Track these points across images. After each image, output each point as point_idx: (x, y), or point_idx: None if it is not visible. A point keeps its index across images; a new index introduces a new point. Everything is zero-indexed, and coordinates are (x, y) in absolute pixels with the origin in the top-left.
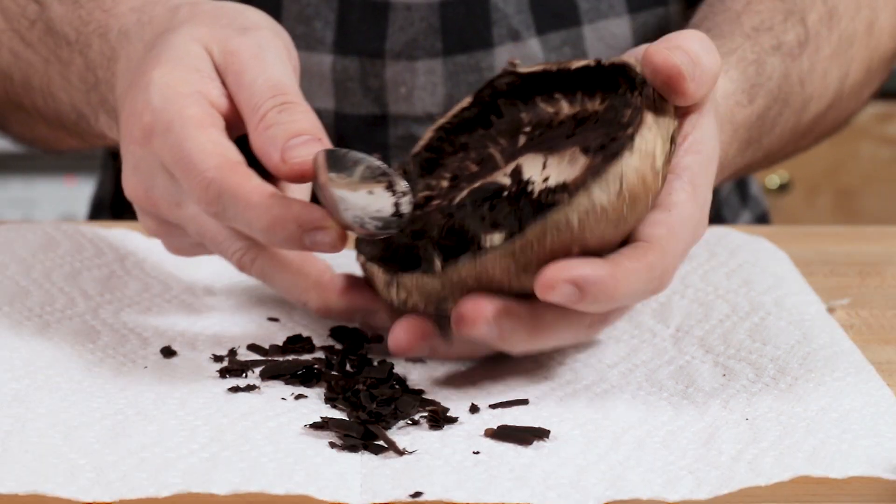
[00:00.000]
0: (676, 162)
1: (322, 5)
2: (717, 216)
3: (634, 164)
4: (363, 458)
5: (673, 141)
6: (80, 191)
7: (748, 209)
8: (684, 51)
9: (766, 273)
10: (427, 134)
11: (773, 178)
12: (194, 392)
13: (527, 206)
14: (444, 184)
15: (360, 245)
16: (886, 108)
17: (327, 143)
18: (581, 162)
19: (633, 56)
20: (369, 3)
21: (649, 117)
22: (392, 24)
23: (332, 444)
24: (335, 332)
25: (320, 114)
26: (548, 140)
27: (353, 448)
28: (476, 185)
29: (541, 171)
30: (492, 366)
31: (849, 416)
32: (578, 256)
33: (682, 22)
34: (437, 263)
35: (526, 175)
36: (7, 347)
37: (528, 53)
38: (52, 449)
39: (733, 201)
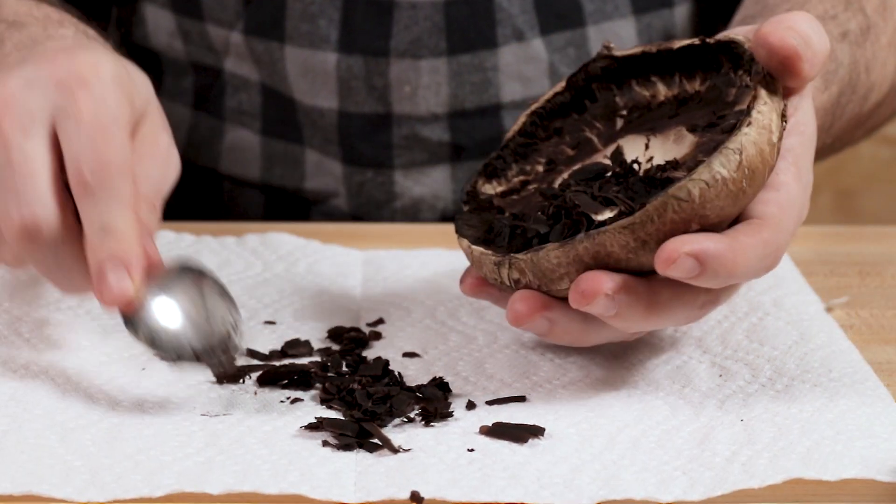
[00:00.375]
0: (781, 143)
1: (326, 4)
2: None
3: (753, 136)
4: (358, 457)
5: (783, 118)
6: None
7: None
8: (797, 32)
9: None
10: (520, 119)
11: None
12: (191, 396)
13: (637, 183)
14: (540, 168)
15: (461, 228)
16: None
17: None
18: (689, 140)
19: (740, 33)
20: (374, 1)
21: (763, 92)
22: (397, 22)
23: (326, 443)
24: (332, 334)
25: (324, 113)
26: (648, 122)
27: (348, 447)
28: (577, 167)
29: (644, 151)
30: (489, 363)
31: (844, 417)
32: (696, 232)
33: (688, 24)
34: (554, 241)
35: (629, 156)
36: (6, 346)
37: (531, 54)
38: (47, 450)
39: None
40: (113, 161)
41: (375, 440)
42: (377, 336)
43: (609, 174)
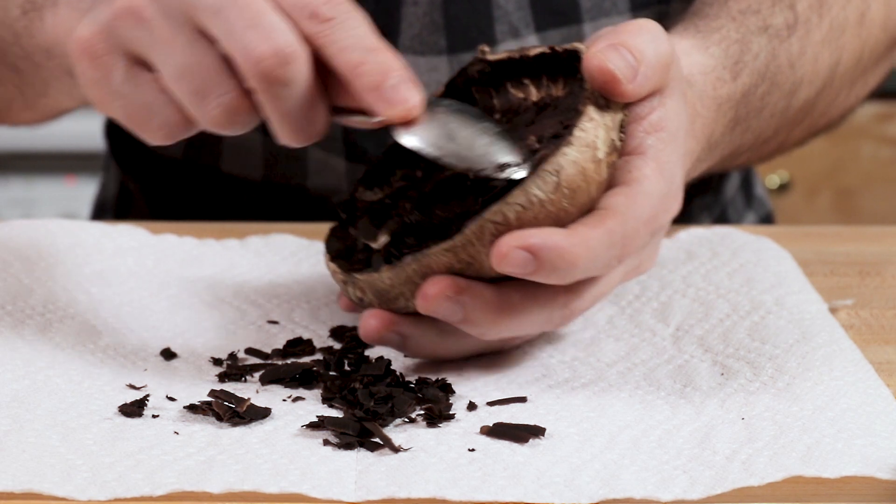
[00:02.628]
0: (638, 143)
1: None
2: (723, 217)
3: (573, 156)
4: (359, 456)
5: (622, 129)
6: (81, 191)
7: (753, 210)
8: (627, 48)
9: (768, 272)
10: None
11: (773, 178)
12: (193, 396)
13: (477, 198)
14: (419, 174)
15: (330, 241)
16: (886, 108)
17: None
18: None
19: (595, 37)
20: None
21: (590, 108)
22: (404, 18)
23: (327, 442)
24: (335, 333)
25: None
26: (511, 128)
27: (348, 446)
28: (441, 176)
29: None
30: (490, 363)
31: (845, 415)
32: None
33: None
34: (382, 263)
35: None
36: (9, 347)
37: None
38: (49, 449)
39: (739, 202)
40: None
41: (376, 439)
42: None
43: (469, 183)
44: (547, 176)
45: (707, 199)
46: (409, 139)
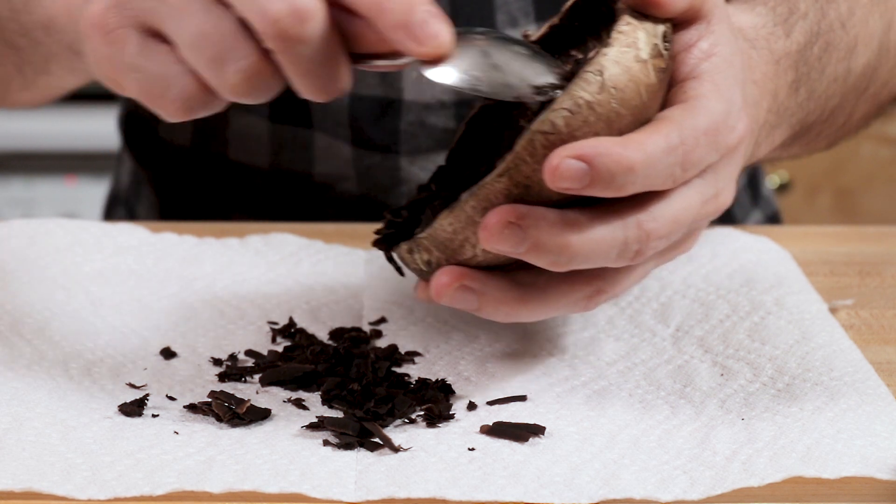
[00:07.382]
0: (691, 69)
1: None
2: (729, 214)
3: (614, 56)
4: (358, 456)
5: (666, 39)
6: (81, 191)
7: (759, 209)
8: None
9: (768, 272)
10: (461, 128)
11: (774, 178)
12: (193, 396)
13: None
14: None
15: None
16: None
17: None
18: None
19: None
20: None
21: (626, 15)
22: None
23: (327, 443)
24: (335, 334)
25: None
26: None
27: (348, 446)
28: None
29: None
30: (491, 362)
31: (844, 415)
32: None
33: None
34: (441, 210)
35: None
36: (8, 345)
37: None
38: (49, 448)
39: (745, 200)
40: None
41: (376, 439)
42: (379, 335)
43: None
44: (590, 77)
45: None
46: (441, 75)
